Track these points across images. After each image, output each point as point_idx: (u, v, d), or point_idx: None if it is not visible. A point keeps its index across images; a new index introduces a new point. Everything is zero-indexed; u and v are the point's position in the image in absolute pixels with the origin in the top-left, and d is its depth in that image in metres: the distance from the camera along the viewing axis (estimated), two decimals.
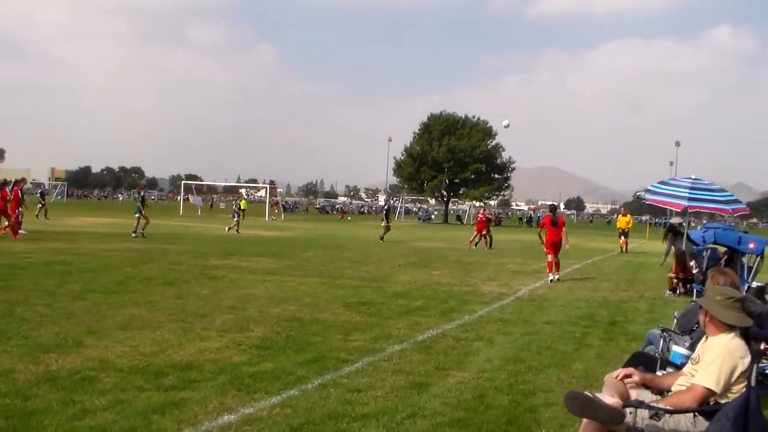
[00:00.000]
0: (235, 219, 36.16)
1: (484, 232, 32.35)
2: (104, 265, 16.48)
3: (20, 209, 25.12)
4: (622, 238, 35.66)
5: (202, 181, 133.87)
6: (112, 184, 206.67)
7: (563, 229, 19.31)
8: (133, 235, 26.51)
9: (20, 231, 24.26)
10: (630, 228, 36.63)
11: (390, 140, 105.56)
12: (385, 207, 38.43)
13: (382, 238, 33.74)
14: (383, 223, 35.15)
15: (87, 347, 8.04)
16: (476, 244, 32.38)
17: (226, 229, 35.72)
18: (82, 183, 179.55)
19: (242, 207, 59.04)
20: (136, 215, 27.11)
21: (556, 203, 32.40)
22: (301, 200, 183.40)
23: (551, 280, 18.35)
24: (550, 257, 18.89)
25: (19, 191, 25.45)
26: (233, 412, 5.95)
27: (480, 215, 33.90)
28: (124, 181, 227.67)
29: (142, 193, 30.71)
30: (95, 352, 7.81)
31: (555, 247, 18.96)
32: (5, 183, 24.73)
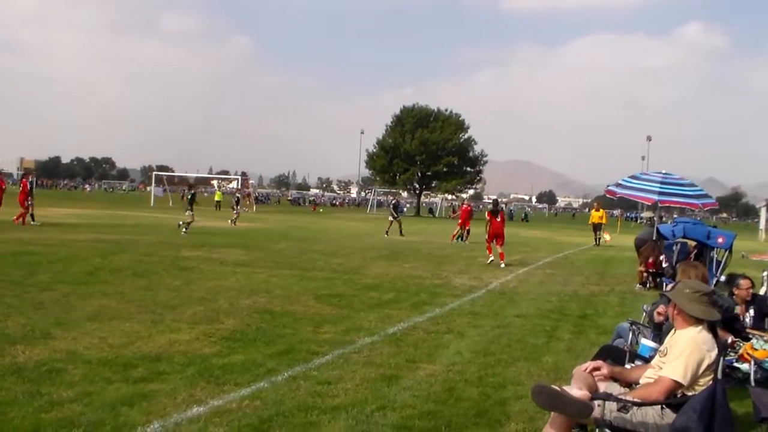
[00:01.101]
0: (235, 211, 37.11)
1: (468, 226, 31.89)
2: (73, 255, 16.32)
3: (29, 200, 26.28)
4: (597, 232, 36.03)
5: (173, 172, 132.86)
6: (82, 175, 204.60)
7: (504, 221, 21.71)
8: (184, 230, 26.51)
9: (32, 222, 26.05)
10: (604, 223, 36.83)
11: (362, 132, 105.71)
12: (393, 202, 38.21)
13: (387, 233, 33.56)
14: (390, 218, 34.73)
15: (55, 339, 7.96)
16: (460, 238, 31.34)
17: (229, 222, 36.03)
18: (51, 173, 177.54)
19: (217, 199, 58.84)
20: (187, 213, 27.16)
21: (497, 198, 32.56)
22: (273, 192, 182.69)
23: (490, 262, 20.90)
24: (499, 248, 20.87)
25: (27, 182, 26.76)
26: (202, 404, 5.92)
27: (464, 206, 33.51)
28: (95, 171, 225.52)
29: (192, 191, 30.83)
30: (63, 344, 7.74)
31: (497, 237, 20.99)
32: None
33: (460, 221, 32.06)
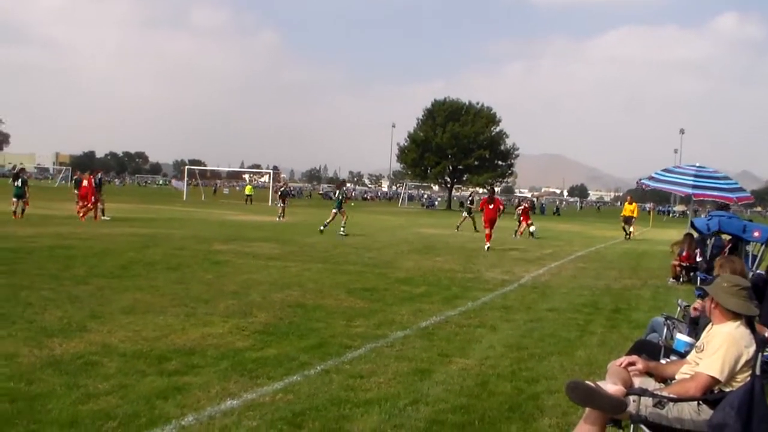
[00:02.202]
0: (280, 206, 37.52)
1: (529, 222, 32.53)
2: (108, 249, 16.50)
3: (97, 196, 27.99)
4: (627, 225, 35.85)
5: (205, 166, 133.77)
6: (116, 169, 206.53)
7: (498, 208, 24.40)
8: (341, 232, 26.12)
9: (103, 217, 27.77)
10: (635, 216, 36.53)
11: (394, 126, 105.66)
12: (469, 199, 38.51)
13: (458, 228, 34.10)
14: (464, 214, 35.43)
15: (90, 332, 8.06)
16: (531, 235, 32.01)
17: (276, 218, 36.08)
18: (86, 168, 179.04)
19: (247, 192, 59.19)
20: (333, 210, 27.01)
21: (492, 187, 34.14)
22: (304, 186, 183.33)
23: (487, 248, 22.76)
24: (487, 230, 23.52)
25: (93, 179, 28.43)
26: (236, 398, 5.96)
27: (524, 205, 34.46)
28: (128, 165, 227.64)
29: (342, 189, 30.81)
30: (98, 337, 7.83)
31: (490, 222, 23.61)
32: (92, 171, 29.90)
33: (522, 218, 32.66)
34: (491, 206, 23.92)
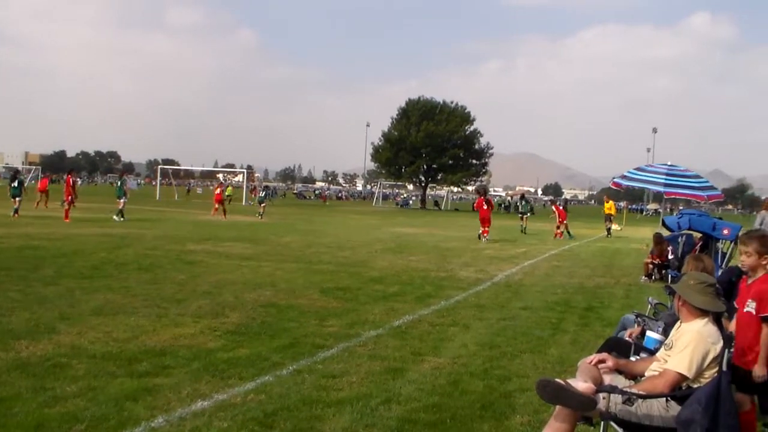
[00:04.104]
0: (262, 205, 39.03)
1: (565, 221, 33.06)
2: (78, 250, 16.35)
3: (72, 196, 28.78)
4: (607, 223, 37.12)
5: (179, 165, 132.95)
6: (87, 169, 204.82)
7: (491, 208, 28.67)
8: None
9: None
10: (613, 214, 37.91)
11: (368, 125, 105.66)
12: (522, 201, 38.92)
13: (524, 230, 34.95)
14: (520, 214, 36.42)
15: (59, 333, 7.97)
16: (567, 233, 33.01)
17: (258, 216, 37.43)
18: (56, 167, 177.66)
19: (227, 193, 59.37)
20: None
21: (486, 186, 35.62)
22: (279, 185, 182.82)
23: (486, 240, 26.92)
24: (485, 228, 27.62)
25: (71, 179, 29.81)
26: (207, 399, 5.92)
27: (559, 206, 34.76)
28: (100, 165, 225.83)
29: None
30: (67, 338, 7.74)
31: (485, 220, 27.66)
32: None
33: (560, 218, 33.00)
34: (485, 207, 27.93)
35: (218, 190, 38.37)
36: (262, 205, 39.27)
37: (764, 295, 5.16)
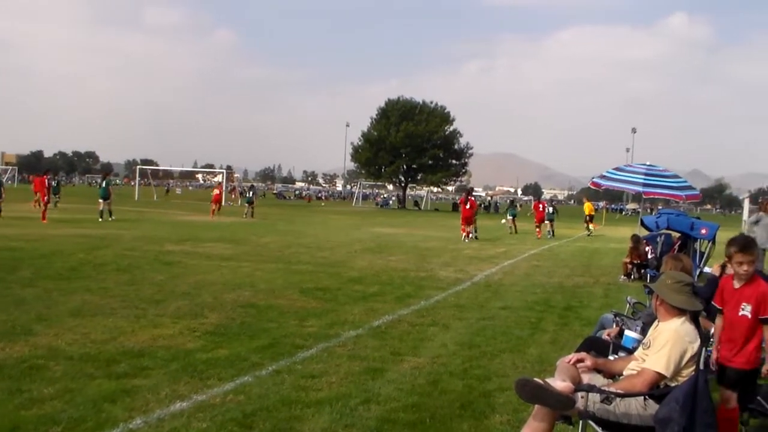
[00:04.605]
0: (251, 205, 40.13)
1: (545, 221, 33.88)
2: (56, 251, 16.21)
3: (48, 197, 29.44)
4: (587, 223, 38.34)
5: (158, 166, 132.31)
6: (65, 169, 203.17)
7: (474, 208, 29.03)
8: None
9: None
10: (593, 213, 39.15)
11: (348, 125, 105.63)
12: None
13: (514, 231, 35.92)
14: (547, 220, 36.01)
15: (36, 335, 7.90)
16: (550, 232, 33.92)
17: (244, 215, 38.93)
18: (33, 168, 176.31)
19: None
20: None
21: (472, 187, 36.15)
22: (258, 186, 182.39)
23: (465, 240, 27.56)
24: (462, 226, 28.35)
25: (46, 180, 30.61)
26: (186, 399, 5.89)
27: (541, 206, 35.34)
28: (78, 165, 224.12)
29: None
30: (45, 340, 7.67)
31: (466, 219, 28.31)
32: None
33: (536, 219, 33.68)
34: (467, 206, 28.29)
35: (216, 191, 40.32)
36: (251, 205, 40.18)
37: (764, 298, 5.19)
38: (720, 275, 7.55)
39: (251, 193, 44.46)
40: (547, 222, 34.30)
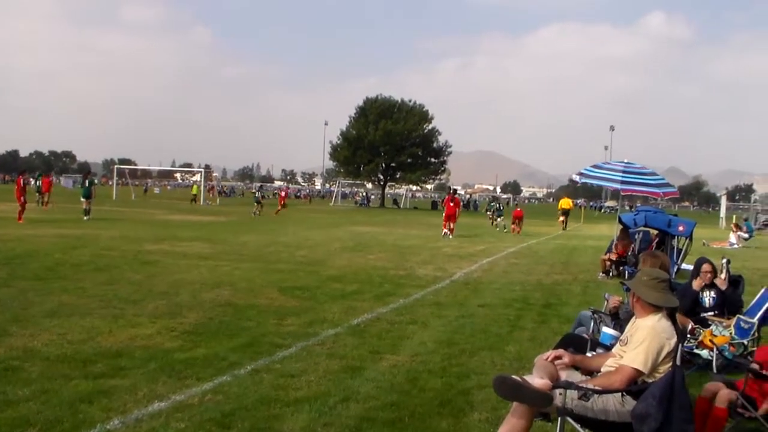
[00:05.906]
0: (257, 204, 41.89)
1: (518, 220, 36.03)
2: (32, 251, 16.08)
3: (24, 197, 28.39)
4: (562, 217, 39.70)
5: (136, 165, 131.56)
6: (42, 169, 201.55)
7: (458, 207, 30.54)
8: None
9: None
10: (570, 209, 40.47)
11: (326, 124, 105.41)
12: (494, 202, 40.43)
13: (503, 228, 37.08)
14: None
15: (12, 336, 7.83)
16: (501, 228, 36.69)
17: (253, 213, 40.74)
18: (9, 167, 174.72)
19: (193, 192, 59.63)
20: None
21: (456, 188, 37.04)
22: (237, 184, 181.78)
23: (444, 235, 28.72)
24: (444, 223, 29.45)
25: (22, 180, 29.66)
26: (164, 399, 5.86)
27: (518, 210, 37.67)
28: (55, 165, 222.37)
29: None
30: (20, 341, 7.61)
31: (449, 217, 29.41)
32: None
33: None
34: (452, 204, 29.60)
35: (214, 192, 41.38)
36: (259, 204, 42.46)
37: None
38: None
39: (258, 193, 46.82)
40: (496, 216, 38.96)
